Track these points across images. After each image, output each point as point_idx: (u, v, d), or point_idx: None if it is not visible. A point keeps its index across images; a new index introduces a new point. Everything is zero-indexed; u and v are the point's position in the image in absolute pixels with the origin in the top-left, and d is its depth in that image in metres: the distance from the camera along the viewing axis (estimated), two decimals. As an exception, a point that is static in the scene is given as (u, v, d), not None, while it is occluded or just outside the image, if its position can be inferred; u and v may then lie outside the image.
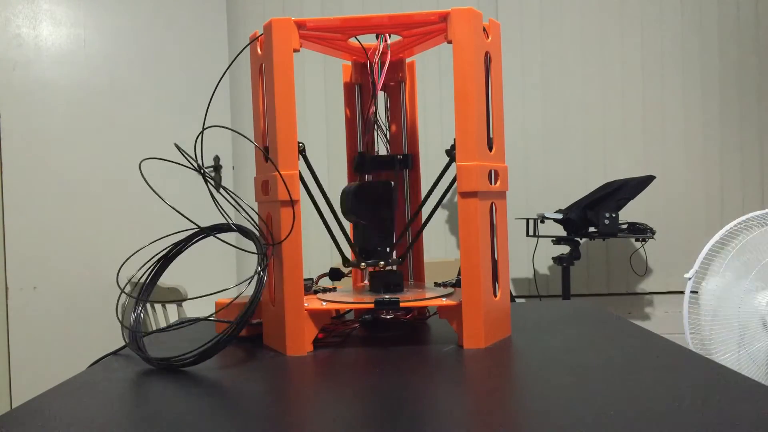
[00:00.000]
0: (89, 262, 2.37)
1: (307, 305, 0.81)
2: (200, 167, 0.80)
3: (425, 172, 1.08)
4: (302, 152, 0.84)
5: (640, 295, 3.04)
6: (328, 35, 0.88)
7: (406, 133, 1.00)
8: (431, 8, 3.01)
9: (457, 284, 0.91)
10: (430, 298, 0.84)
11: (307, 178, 0.86)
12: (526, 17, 3.04)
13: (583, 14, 3.04)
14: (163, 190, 1.21)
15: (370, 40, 0.92)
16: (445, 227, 3.00)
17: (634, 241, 2.77)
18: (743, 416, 0.51)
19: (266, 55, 0.81)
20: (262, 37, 0.83)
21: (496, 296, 0.84)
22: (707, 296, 1.68)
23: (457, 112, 0.79)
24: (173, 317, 2.23)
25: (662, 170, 3.01)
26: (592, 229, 2.51)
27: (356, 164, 0.97)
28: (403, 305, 0.82)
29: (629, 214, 2.86)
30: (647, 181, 2.52)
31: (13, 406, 2.25)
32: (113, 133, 2.42)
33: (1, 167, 2.22)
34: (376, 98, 0.94)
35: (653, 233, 2.52)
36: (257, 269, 0.77)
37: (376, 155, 0.99)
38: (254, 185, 0.87)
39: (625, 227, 2.52)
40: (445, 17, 0.80)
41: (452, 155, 0.83)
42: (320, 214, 0.89)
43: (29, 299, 2.27)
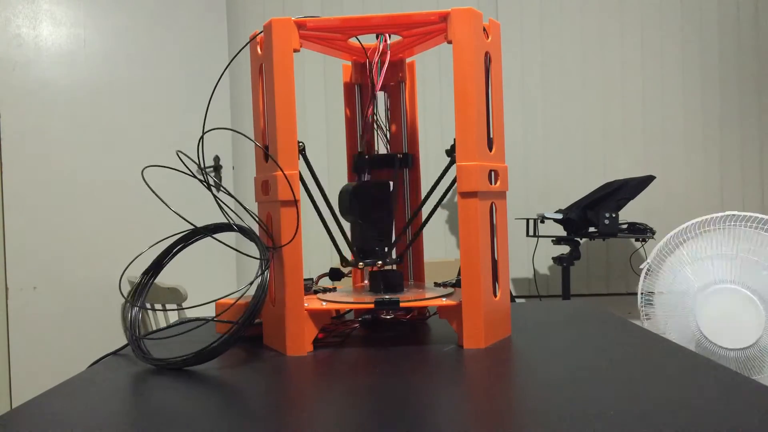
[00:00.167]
0: (89, 262, 2.37)
1: (307, 305, 0.81)
2: (204, 173, 0.80)
3: (425, 172, 1.08)
4: (302, 152, 0.84)
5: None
6: (328, 35, 0.88)
7: (406, 133, 1.00)
8: (431, 8, 3.01)
9: (457, 284, 0.91)
10: (430, 298, 0.84)
11: (307, 178, 0.86)
12: (526, 17, 3.04)
13: (583, 14, 3.04)
14: (164, 189, 1.21)
15: (370, 40, 0.92)
16: (445, 227, 3.00)
17: (634, 241, 2.77)
18: (744, 416, 0.51)
19: (266, 55, 0.81)
20: (262, 37, 0.83)
21: (496, 296, 0.84)
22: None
23: (457, 112, 0.79)
24: (173, 317, 2.23)
25: (662, 170, 3.01)
26: (592, 229, 2.51)
27: (356, 164, 0.97)
28: (403, 305, 0.82)
29: (629, 214, 2.86)
30: (647, 181, 2.52)
31: (13, 406, 2.25)
32: (113, 132, 2.42)
33: (1, 167, 2.22)
34: (375, 98, 0.94)
35: (653, 233, 2.52)
36: (258, 273, 0.77)
37: (375, 154, 0.99)
38: (254, 185, 0.87)
39: (625, 227, 2.52)
40: (445, 17, 0.80)
41: (452, 155, 0.83)
42: (320, 214, 0.89)
43: (29, 299, 2.27)
